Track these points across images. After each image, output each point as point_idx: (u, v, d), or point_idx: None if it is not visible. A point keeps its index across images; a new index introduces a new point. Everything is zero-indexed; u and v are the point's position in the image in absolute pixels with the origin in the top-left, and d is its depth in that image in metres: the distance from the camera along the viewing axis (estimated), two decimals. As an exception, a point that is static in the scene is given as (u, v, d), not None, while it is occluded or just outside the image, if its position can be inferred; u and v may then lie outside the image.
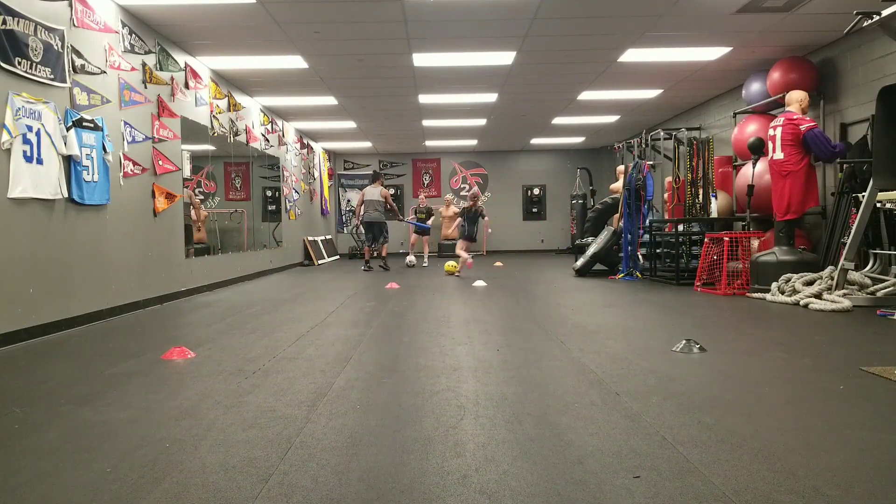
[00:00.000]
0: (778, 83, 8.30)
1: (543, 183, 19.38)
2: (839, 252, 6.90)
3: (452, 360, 4.01)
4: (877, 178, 6.06)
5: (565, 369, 3.74)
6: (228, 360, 4.16)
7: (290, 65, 8.86)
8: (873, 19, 5.26)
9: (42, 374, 3.95)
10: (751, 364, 3.84)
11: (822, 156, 7.19)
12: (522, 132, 15.71)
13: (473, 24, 7.32)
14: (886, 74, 7.13)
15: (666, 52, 8.62)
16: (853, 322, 5.34)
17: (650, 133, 11.55)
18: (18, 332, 4.89)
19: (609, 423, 2.70)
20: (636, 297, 7.41)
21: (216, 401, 3.17)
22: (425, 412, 2.91)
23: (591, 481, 2.11)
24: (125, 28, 6.64)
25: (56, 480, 2.23)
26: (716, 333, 4.95)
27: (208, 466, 2.30)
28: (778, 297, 6.62)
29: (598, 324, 5.41)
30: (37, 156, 5.10)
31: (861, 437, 2.49)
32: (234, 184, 10.88)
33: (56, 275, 5.43)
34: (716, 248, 7.84)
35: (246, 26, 7.24)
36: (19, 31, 4.93)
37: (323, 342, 4.75)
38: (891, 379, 3.35)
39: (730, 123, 10.10)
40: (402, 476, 2.18)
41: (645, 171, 9.91)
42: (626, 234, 9.79)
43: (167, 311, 6.87)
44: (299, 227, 14.40)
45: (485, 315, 6.06)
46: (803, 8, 6.85)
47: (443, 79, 9.88)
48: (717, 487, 2.04)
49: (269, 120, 12.02)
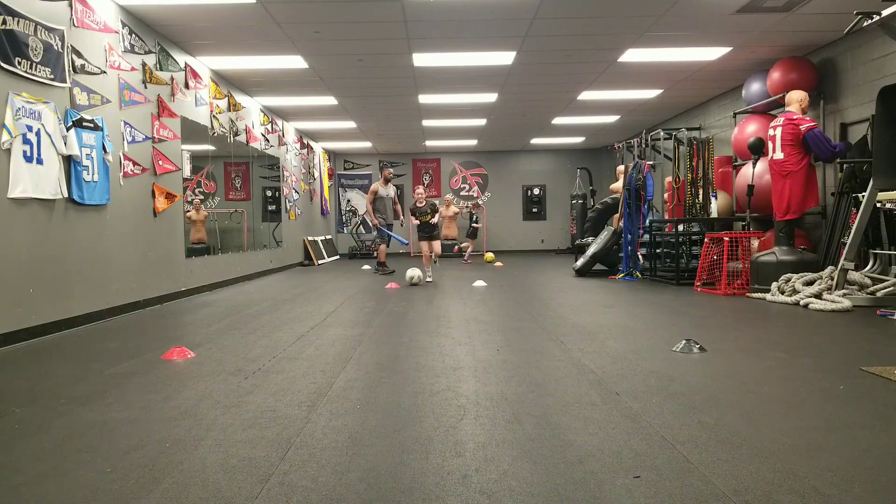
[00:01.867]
0: (778, 83, 8.30)
1: (543, 183, 19.39)
2: (839, 252, 6.90)
3: (452, 360, 4.01)
4: (877, 178, 6.06)
5: (565, 369, 3.74)
6: (228, 360, 4.16)
7: (290, 65, 8.86)
8: (873, 19, 5.26)
9: (42, 374, 3.95)
10: (751, 364, 3.84)
11: (822, 156, 7.19)
12: (522, 132, 15.71)
13: (473, 24, 7.32)
14: (886, 74, 7.13)
15: (666, 52, 8.62)
16: (853, 322, 5.34)
17: (650, 133, 11.54)
18: (18, 332, 4.89)
19: (609, 423, 2.70)
20: (636, 297, 7.41)
21: (216, 401, 3.17)
22: (425, 412, 2.91)
23: (591, 481, 2.11)
24: (125, 28, 6.64)
25: (56, 480, 2.23)
26: (716, 333, 4.95)
27: (208, 466, 2.30)
28: (778, 297, 6.62)
29: (598, 324, 5.41)
30: (37, 156, 5.10)
31: (861, 437, 2.49)
32: (234, 184, 10.87)
33: (56, 275, 5.43)
34: (716, 248, 7.84)
35: (246, 26, 7.24)
36: (19, 31, 4.93)
37: (323, 342, 4.75)
38: (891, 379, 3.35)
39: (730, 123, 10.10)
40: (402, 476, 2.18)
41: (645, 171, 9.91)
42: (626, 234, 9.79)
43: (167, 311, 6.87)
44: (299, 227, 14.40)
45: (485, 315, 6.06)
46: (803, 8, 6.85)
47: (443, 79, 9.88)
48: (717, 487, 2.04)
49: (269, 120, 12.02)
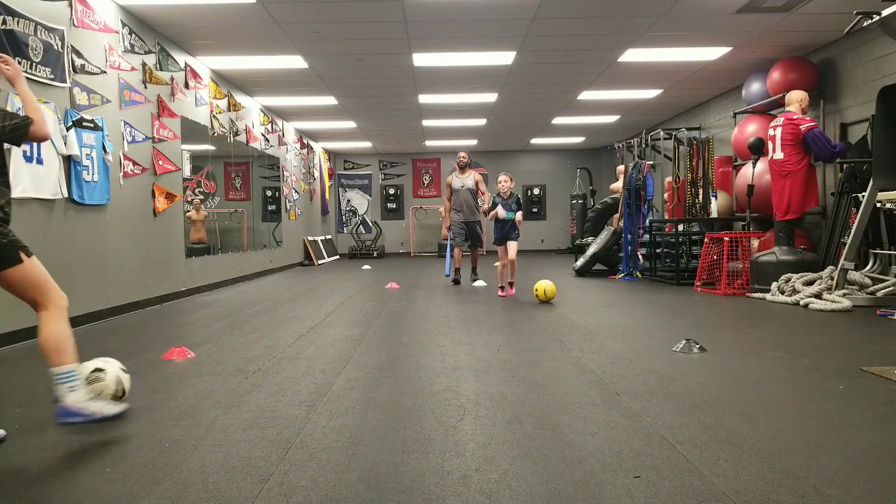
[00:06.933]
0: (778, 83, 8.30)
1: (543, 183, 19.39)
2: (839, 252, 6.90)
3: (452, 360, 4.01)
4: (877, 178, 6.06)
5: (565, 369, 3.74)
6: (228, 360, 4.16)
7: (290, 65, 8.86)
8: (873, 19, 5.26)
9: (42, 374, 3.94)
10: (751, 364, 3.84)
11: (822, 156, 7.19)
12: (522, 132, 15.71)
13: (473, 24, 7.31)
14: (886, 74, 7.13)
15: (666, 52, 8.62)
16: (853, 322, 5.34)
17: (650, 133, 11.54)
18: (18, 332, 4.89)
19: (609, 423, 2.70)
20: (636, 297, 7.41)
21: (216, 401, 3.17)
22: (425, 412, 2.91)
23: (591, 481, 2.11)
24: (125, 28, 6.64)
25: (56, 480, 2.23)
26: (716, 333, 4.95)
27: (208, 466, 2.30)
28: (778, 297, 6.62)
29: (598, 324, 5.41)
30: (37, 156, 5.09)
31: (861, 437, 2.49)
32: (234, 184, 10.88)
33: (56, 275, 5.35)
34: (716, 248, 7.84)
35: (246, 26, 7.24)
36: (19, 31, 4.93)
37: (323, 342, 4.75)
38: (891, 379, 3.35)
39: (730, 123, 10.10)
40: (402, 476, 2.18)
41: (645, 171, 9.91)
42: (626, 234, 9.79)
43: (167, 310, 6.87)
44: (299, 227, 14.40)
45: (485, 315, 6.06)
46: (803, 8, 6.85)
47: (443, 79, 9.88)
48: (717, 487, 2.04)
49: (269, 120, 12.03)
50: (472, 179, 8.84)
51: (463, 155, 8.92)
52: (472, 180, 8.83)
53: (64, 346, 2.59)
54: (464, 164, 8.90)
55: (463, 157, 8.92)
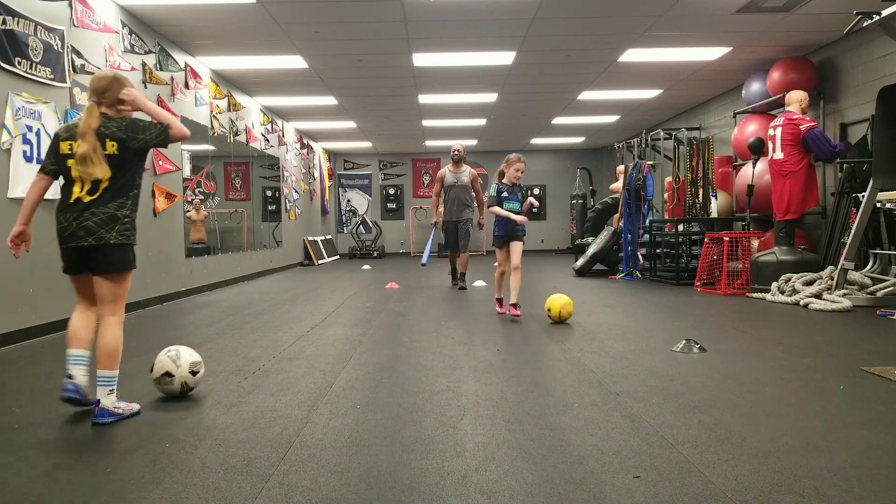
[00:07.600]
0: (778, 83, 8.29)
1: (543, 183, 19.39)
2: (839, 252, 6.90)
3: (452, 360, 4.01)
4: (877, 178, 6.06)
5: (565, 369, 3.74)
6: (228, 360, 4.16)
7: (290, 65, 8.86)
8: (873, 19, 5.26)
9: (42, 374, 3.95)
10: (751, 364, 3.84)
11: (821, 156, 7.19)
12: (522, 132, 15.70)
13: (473, 24, 7.31)
14: (886, 74, 7.13)
15: (666, 52, 8.61)
16: (853, 322, 5.34)
17: (650, 133, 11.54)
18: (18, 332, 4.89)
19: (609, 424, 2.70)
20: (636, 297, 7.41)
21: (216, 401, 3.17)
22: (425, 412, 2.91)
23: (591, 481, 2.11)
24: (125, 28, 6.64)
25: (56, 480, 2.23)
26: (716, 333, 4.95)
27: (208, 466, 2.30)
28: (778, 297, 6.62)
29: (598, 324, 5.41)
30: (37, 156, 5.09)
31: (861, 437, 2.49)
32: (234, 184, 10.87)
33: (56, 275, 5.38)
34: (716, 248, 7.84)
35: (246, 26, 7.24)
36: (19, 31, 4.93)
37: (323, 342, 4.75)
38: (891, 379, 3.35)
39: (730, 123, 10.10)
40: (402, 476, 2.18)
41: (645, 171, 9.91)
42: (626, 234, 9.79)
43: (167, 311, 6.87)
44: (299, 227, 14.40)
45: (485, 315, 6.06)
46: (803, 8, 6.85)
47: (443, 79, 9.88)
48: (717, 487, 2.04)
49: (269, 120, 12.03)
50: (466, 175, 8.40)
51: (458, 148, 8.50)
52: (467, 176, 8.40)
53: (117, 354, 2.96)
54: (458, 159, 8.47)
55: (458, 150, 8.50)
